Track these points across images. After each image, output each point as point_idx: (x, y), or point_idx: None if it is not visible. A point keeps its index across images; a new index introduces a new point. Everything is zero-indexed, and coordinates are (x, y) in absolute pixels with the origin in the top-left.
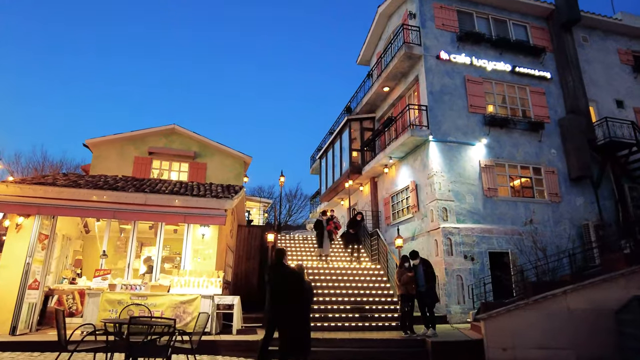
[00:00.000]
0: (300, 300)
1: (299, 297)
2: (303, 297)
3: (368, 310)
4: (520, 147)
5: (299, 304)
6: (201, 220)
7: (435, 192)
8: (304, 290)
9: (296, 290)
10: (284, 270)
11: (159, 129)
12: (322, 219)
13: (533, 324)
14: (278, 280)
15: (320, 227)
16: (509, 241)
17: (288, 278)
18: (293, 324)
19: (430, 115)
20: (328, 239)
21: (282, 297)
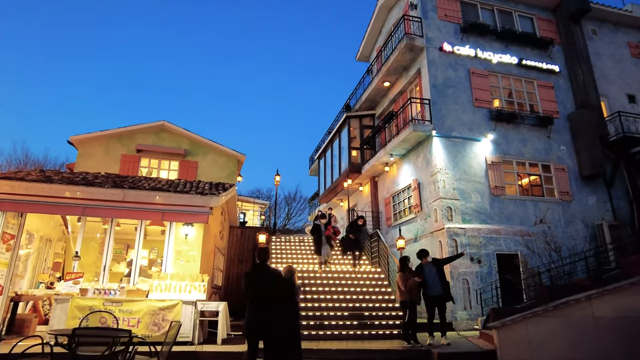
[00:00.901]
0: (289, 306)
1: (289, 303)
2: (292, 302)
3: (367, 317)
4: (529, 143)
5: (288, 309)
6: (181, 218)
7: (439, 190)
8: (293, 295)
9: (284, 295)
10: (269, 272)
11: (147, 126)
12: (320, 223)
13: (553, 333)
14: (261, 284)
15: (318, 232)
16: (518, 242)
17: (274, 281)
18: (281, 332)
19: (434, 110)
20: (327, 245)
21: (266, 302)
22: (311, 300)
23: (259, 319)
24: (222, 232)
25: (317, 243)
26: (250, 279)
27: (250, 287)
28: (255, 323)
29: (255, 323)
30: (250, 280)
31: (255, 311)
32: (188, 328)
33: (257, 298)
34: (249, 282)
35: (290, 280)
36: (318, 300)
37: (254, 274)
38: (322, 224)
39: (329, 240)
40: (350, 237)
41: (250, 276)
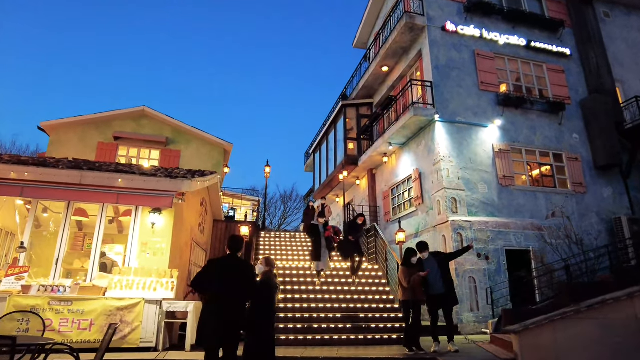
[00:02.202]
0: (266, 307)
1: (266, 303)
2: (268, 299)
3: (363, 320)
4: (539, 130)
5: (264, 311)
6: (140, 201)
7: (442, 179)
8: (271, 294)
9: (262, 294)
10: (240, 264)
11: (126, 111)
12: (318, 223)
13: (588, 339)
14: (230, 276)
15: (316, 233)
16: (529, 237)
17: (246, 274)
18: (254, 333)
19: (436, 93)
20: (327, 249)
21: (234, 299)
22: (299, 300)
23: (224, 319)
24: (202, 225)
25: (315, 247)
26: (217, 270)
27: (219, 280)
28: (218, 325)
29: (218, 325)
30: (217, 271)
31: (218, 310)
32: (151, 331)
33: (223, 294)
34: (216, 272)
35: (267, 275)
36: (307, 301)
37: (220, 264)
38: (321, 224)
39: (329, 243)
40: (349, 239)
41: (216, 266)
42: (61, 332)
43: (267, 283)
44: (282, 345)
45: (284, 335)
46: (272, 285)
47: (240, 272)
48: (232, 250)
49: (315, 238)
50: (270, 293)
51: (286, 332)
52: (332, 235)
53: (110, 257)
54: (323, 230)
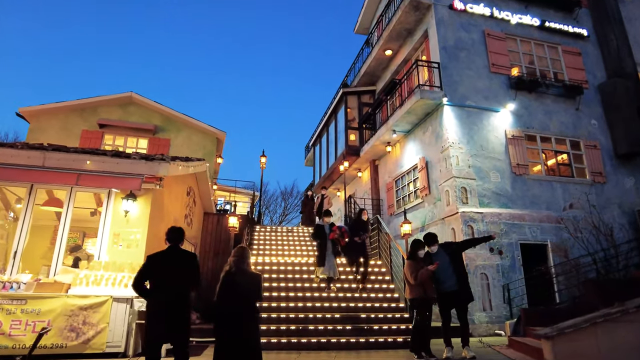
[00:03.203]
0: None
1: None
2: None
3: (364, 321)
4: (554, 116)
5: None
6: (103, 182)
7: (451, 167)
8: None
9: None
10: (179, 254)
11: (113, 98)
12: (324, 223)
13: (638, 347)
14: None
15: (322, 235)
16: (546, 230)
17: (185, 262)
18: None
19: (444, 75)
20: (332, 254)
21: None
22: (294, 299)
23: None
24: (189, 217)
25: (320, 250)
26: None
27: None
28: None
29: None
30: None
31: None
32: (119, 334)
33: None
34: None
35: (236, 266)
36: (302, 299)
37: (159, 258)
38: (326, 224)
39: (334, 246)
40: (355, 240)
41: (155, 262)
42: (12, 336)
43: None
44: (273, 349)
45: (275, 338)
46: (237, 280)
47: (181, 263)
48: (171, 241)
49: (320, 241)
50: (234, 286)
51: (278, 334)
52: (337, 237)
53: (87, 251)
54: (329, 231)
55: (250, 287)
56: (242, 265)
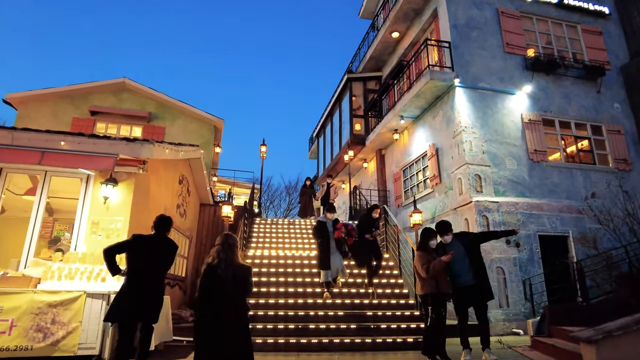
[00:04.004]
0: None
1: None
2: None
3: (371, 319)
4: (574, 99)
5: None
6: (69, 161)
7: (464, 153)
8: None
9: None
10: (163, 242)
11: (105, 84)
12: (326, 220)
13: None
14: (152, 254)
15: (324, 233)
16: (566, 221)
17: (166, 251)
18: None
19: (455, 55)
20: (337, 253)
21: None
22: (293, 294)
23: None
24: (182, 207)
25: (322, 251)
26: (138, 245)
27: (137, 255)
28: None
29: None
30: (139, 246)
31: (137, 286)
32: (94, 334)
33: (143, 270)
34: (137, 248)
35: (220, 257)
36: (303, 295)
37: (143, 241)
38: (329, 220)
39: (340, 246)
40: (367, 238)
41: (138, 242)
42: None
43: (212, 268)
44: (269, 350)
45: (272, 337)
46: (223, 274)
47: (163, 251)
48: (157, 229)
49: (322, 240)
50: (219, 282)
51: (275, 333)
52: (343, 236)
53: (65, 243)
54: (332, 229)
55: (239, 282)
56: (229, 255)
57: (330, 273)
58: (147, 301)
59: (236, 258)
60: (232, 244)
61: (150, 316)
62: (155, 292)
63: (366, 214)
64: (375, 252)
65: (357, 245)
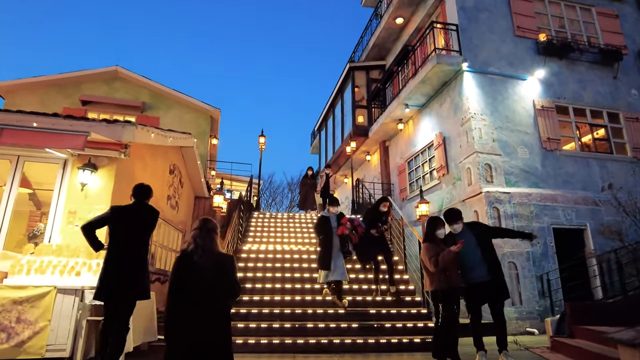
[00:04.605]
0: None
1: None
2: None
3: (374, 318)
4: (589, 85)
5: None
6: (31, 139)
7: (473, 142)
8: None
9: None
10: (143, 209)
11: (97, 72)
12: (329, 215)
13: None
14: (132, 224)
15: (327, 229)
16: (582, 213)
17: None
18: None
19: (463, 39)
20: (340, 253)
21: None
22: (290, 291)
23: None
24: (174, 198)
25: (324, 249)
26: (117, 217)
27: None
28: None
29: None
30: (118, 217)
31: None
32: (64, 334)
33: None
34: (117, 220)
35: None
36: (301, 292)
37: (122, 211)
38: (333, 215)
39: (344, 243)
40: (372, 233)
41: (117, 213)
42: None
43: (187, 256)
44: (262, 352)
45: (266, 337)
46: (201, 263)
47: (143, 218)
48: (135, 197)
49: (324, 236)
50: (196, 274)
51: (270, 333)
52: (349, 233)
53: (39, 234)
54: (336, 224)
55: (220, 274)
56: (206, 241)
57: (331, 274)
58: (131, 273)
59: (216, 245)
60: (211, 228)
61: (136, 288)
62: (139, 262)
63: (373, 207)
64: (383, 250)
65: (363, 241)
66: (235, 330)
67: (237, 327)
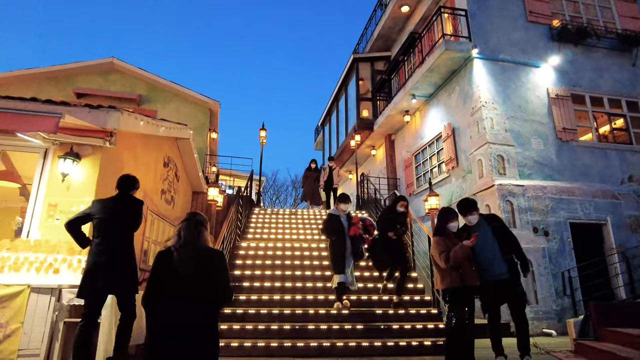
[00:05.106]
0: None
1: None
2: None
3: (381, 318)
4: (606, 72)
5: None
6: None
7: (484, 132)
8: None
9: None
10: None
11: (92, 64)
12: (339, 213)
13: None
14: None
15: (338, 229)
16: (600, 207)
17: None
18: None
19: (473, 24)
20: (351, 256)
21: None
22: (290, 290)
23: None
24: (169, 193)
25: (336, 251)
26: (100, 209)
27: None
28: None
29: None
30: (101, 210)
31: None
32: (38, 337)
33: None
34: (100, 212)
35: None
36: (302, 291)
37: (105, 204)
38: (343, 214)
39: (356, 246)
40: (390, 236)
41: (100, 206)
42: None
43: (169, 253)
44: (260, 355)
45: (264, 340)
46: (184, 260)
47: (127, 210)
48: (119, 188)
49: (336, 237)
50: (178, 273)
51: (267, 335)
52: (360, 234)
53: (18, 228)
54: (347, 224)
55: (205, 273)
56: (194, 234)
57: (344, 279)
58: (117, 267)
59: (202, 240)
60: (200, 221)
61: (125, 283)
62: (125, 256)
63: (389, 207)
64: (399, 256)
65: (379, 245)
66: (230, 333)
67: (233, 328)
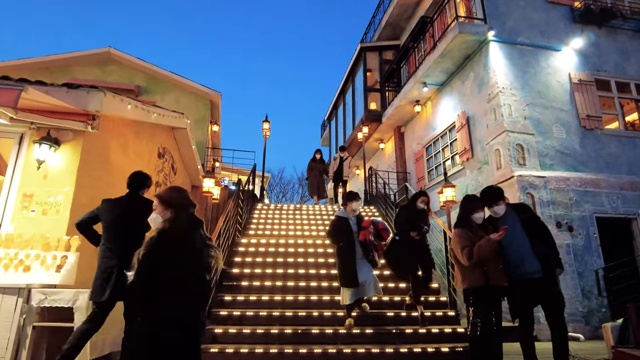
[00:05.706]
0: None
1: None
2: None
3: (392, 321)
4: (633, 56)
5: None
6: None
7: (502, 119)
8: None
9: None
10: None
11: (88, 54)
12: (349, 212)
13: None
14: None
15: (345, 232)
16: (629, 200)
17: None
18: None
19: (488, 5)
20: (365, 262)
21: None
22: (293, 290)
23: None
24: (165, 185)
25: (345, 259)
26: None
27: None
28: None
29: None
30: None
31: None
32: (2, 344)
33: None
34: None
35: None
36: (306, 291)
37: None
38: (353, 215)
39: (367, 250)
40: (412, 237)
41: (109, 206)
42: None
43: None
44: None
45: (262, 346)
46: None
47: (135, 211)
48: (131, 187)
49: (343, 243)
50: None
51: (267, 340)
52: (371, 238)
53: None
54: (357, 228)
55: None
56: (197, 224)
57: (358, 292)
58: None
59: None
60: (185, 204)
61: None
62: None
63: (408, 205)
64: (425, 260)
65: (399, 248)
66: (225, 337)
67: (229, 332)
